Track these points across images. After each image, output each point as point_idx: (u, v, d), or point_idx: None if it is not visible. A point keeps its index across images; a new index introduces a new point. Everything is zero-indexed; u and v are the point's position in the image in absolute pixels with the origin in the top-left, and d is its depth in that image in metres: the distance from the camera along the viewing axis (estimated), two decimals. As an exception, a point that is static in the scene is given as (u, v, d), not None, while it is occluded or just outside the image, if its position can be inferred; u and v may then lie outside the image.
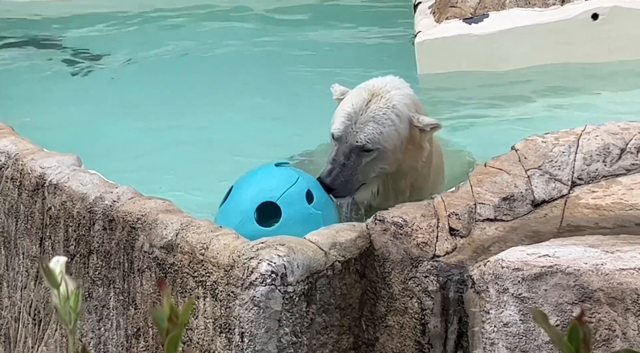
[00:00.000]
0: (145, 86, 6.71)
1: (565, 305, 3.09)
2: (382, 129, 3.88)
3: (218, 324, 3.33)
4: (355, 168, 3.87)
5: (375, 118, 3.89)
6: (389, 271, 3.41)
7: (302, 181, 3.77)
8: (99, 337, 3.77)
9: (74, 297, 1.61)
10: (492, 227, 3.49)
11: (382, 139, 3.87)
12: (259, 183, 3.80)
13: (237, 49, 7.24)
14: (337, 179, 3.85)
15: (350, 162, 3.86)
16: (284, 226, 3.64)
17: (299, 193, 3.73)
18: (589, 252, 3.13)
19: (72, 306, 1.61)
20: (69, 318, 1.61)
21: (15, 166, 4.11)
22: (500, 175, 3.61)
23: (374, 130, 3.87)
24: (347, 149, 3.88)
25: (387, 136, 3.88)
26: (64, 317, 1.61)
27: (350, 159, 3.86)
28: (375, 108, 3.91)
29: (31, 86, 6.79)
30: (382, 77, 4.07)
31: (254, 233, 3.57)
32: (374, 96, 3.95)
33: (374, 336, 3.44)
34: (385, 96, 3.95)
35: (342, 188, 3.85)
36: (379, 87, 3.99)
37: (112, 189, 3.78)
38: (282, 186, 3.74)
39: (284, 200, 3.71)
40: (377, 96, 3.96)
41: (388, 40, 7.26)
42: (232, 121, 6.00)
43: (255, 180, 3.83)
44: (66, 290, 1.63)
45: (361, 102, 3.94)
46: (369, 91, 3.97)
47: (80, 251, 3.82)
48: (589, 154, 3.64)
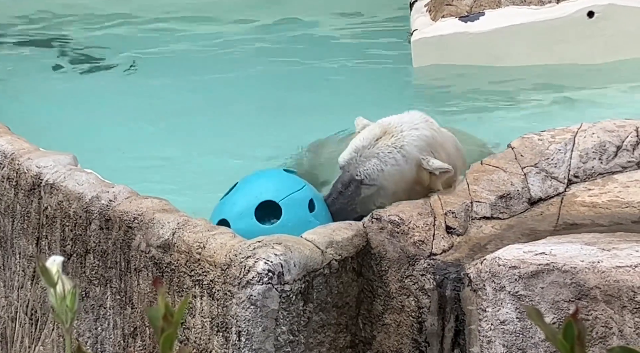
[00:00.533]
0: (145, 86, 6.70)
1: (561, 302, 3.09)
2: (383, 166, 3.85)
3: (215, 323, 3.33)
4: (353, 198, 3.86)
5: (379, 155, 3.87)
6: (385, 270, 3.41)
7: (307, 189, 3.81)
8: (95, 336, 3.77)
9: (71, 296, 1.61)
10: (488, 225, 3.50)
11: (381, 177, 3.85)
12: (265, 182, 3.84)
13: (237, 51, 7.24)
14: (333, 205, 3.85)
15: (348, 191, 3.86)
16: (282, 228, 3.63)
17: (302, 199, 3.76)
18: (586, 250, 3.13)
19: (69, 306, 1.61)
20: (65, 317, 1.61)
21: (12, 165, 4.11)
22: (497, 173, 3.61)
23: (375, 166, 3.86)
24: (347, 179, 3.88)
25: (387, 174, 3.85)
26: (61, 316, 1.61)
27: (349, 189, 3.86)
28: (382, 146, 3.89)
29: (28, 85, 6.78)
30: (404, 114, 4.00)
31: (251, 229, 3.57)
32: (386, 134, 3.93)
33: (371, 334, 3.44)
34: (397, 135, 3.92)
35: (337, 215, 3.85)
36: (394, 125, 3.94)
37: (108, 188, 3.78)
38: (287, 189, 3.77)
39: (287, 202, 3.72)
40: (389, 134, 3.93)
41: (385, 39, 7.26)
42: (231, 122, 6.00)
43: (261, 180, 3.88)
44: (63, 289, 1.63)
45: (371, 137, 3.92)
46: (383, 128, 3.94)
47: (76, 251, 3.82)
48: (585, 152, 3.64)
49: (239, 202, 3.73)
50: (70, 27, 7.85)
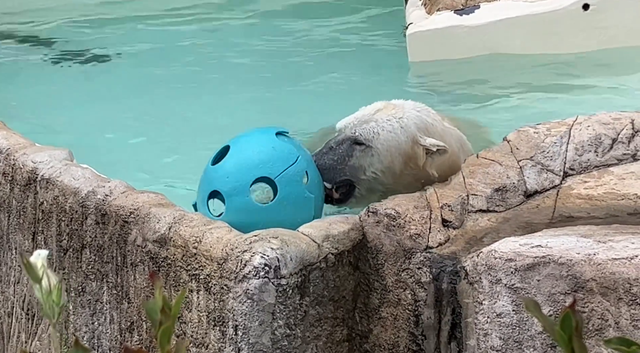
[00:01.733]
0: (136, 80, 6.69)
1: (558, 295, 3.10)
2: (380, 130, 3.86)
3: (212, 317, 3.34)
4: (344, 157, 3.85)
5: (378, 121, 3.88)
6: (382, 263, 3.41)
7: (301, 160, 3.67)
8: (92, 331, 3.77)
9: (57, 291, 1.60)
10: (484, 218, 3.50)
11: (376, 139, 3.85)
12: (259, 153, 3.66)
13: (231, 44, 7.23)
14: (321, 159, 3.83)
15: (340, 149, 3.85)
16: (278, 205, 3.57)
17: (298, 173, 3.65)
18: (582, 242, 3.14)
19: (55, 300, 1.60)
20: (52, 312, 1.60)
21: (7, 160, 4.11)
22: (493, 166, 3.62)
23: (372, 128, 3.86)
24: (341, 138, 3.88)
25: (383, 139, 3.85)
26: (47, 311, 1.60)
27: (341, 147, 3.85)
28: (383, 114, 3.91)
29: (21, 82, 6.77)
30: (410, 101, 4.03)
31: (246, 207, 3.54)
32: (388, 107, 3.94)
33: (367, 328, 3.44)
34: (398, 109, 3.94)
35: (324, 171, 3.83)
36: (398, 103, 3.97)
37: (104, 183, 3.77)
38: (282, 163, 3.64)
39: (282, 179, 3.62)
40: (391, 107, 3.95)
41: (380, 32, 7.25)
42: (226, 113, 5.99)
43: (255, 149, 3.68)
44: (48, 283, 1.61)
45: (373, 108, 3.94)
46: (386, 103, 3.96)
47: (73, 246, 3.82)
48: (580, 145, 3.65)
49: (233, 175, 3.59)
50: (61, 22, 7.83)
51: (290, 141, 3.77)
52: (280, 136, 3.76)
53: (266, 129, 3.80)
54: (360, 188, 3.88)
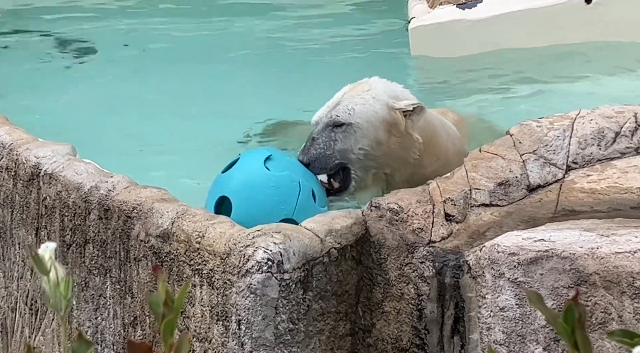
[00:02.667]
0: (140, 75, 6.69)
1: (561, 289, 3.10)
2: (354, 106, 3.89)
3: (215, 312, 3.34)
4: (328, 143, 3.85)
5: (349, 99, 3.91)
6: (385, 258, 3.41)
7: (303, 182, 3.64)
8: (95, 326, 3.77)
9: (64, 284, 1.61)
10: (487, 212, 3.50)
11: (353, 114, 3.87)
12: (266, 198, 3.59)
13: (232, 39, 7.22)
14: (308, 153, 3.83)
15: (323, 137, 3.86)
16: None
17: (308, 198, 3.63)
18: (585, 236, 3.13)
19: (63, 293, 1.61)
20: (60, 305, 1.61)
21: (10, 156, 4.11)
22: (495, 160, 3.61)
23: (346, 106, 3.89)
24: (320, 128, 3.89)
25: (359, 112, 3.87)
26: (55, 304, 1.60)
27: (323, 135, 3.86)
28: (352, 92, 3.94)
29: (22, 76, 6.76)
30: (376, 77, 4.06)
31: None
32: (354, 86, 3.97)
33: (370, 322, 3.44)
34: (364, 84, 3.97)
35: (315, 162, 3.82)
36: (363, 81, 4.00)
37: (107, 178, 3.78)
38: (291, 197, 3.60)
39: (299, 213, 3.57)
40: (358, 85, 3.97)
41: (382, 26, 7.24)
42: (227, 111, 5.98)
43: (259, 195, 3.60)
44: (56, 276, 1.62)
45: (341, 92, 3.97)
46: (353, 84, 3.99)
47: (76, 241, 3.82)
48: (583, 139, 3.64)
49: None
50: (62, 17, 7.82)
51: (282, 164, 3.72)
52: (270, 161, 3.69)
53: (255, 163, 3.69)
54: (354, 170, 3.89)
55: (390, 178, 3.98)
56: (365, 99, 3.90)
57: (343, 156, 3.86)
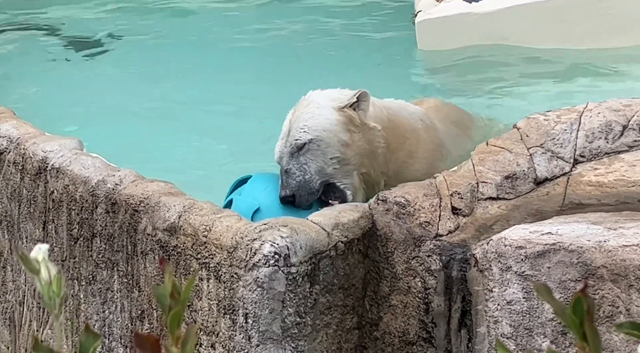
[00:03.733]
0: (145, 67, 6.69)
1: (568, 282, 3.09)
2: (304, 123, 3.89)
3: (222, 306, 3.34)
4: (302, 168, 3.84)
5: (297, 119, 3.92)
6: (391, 251, 3.41)
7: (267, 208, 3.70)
8: (103, 319, 3.78)
9: (56, 282, 1.61)
10: (494, 206, 3.49)
11: (308, 130, 3.87)
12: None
13: (238, 31, 7.22)
14: (289, 185, 3.83)
15: (294, 165, 3.85)
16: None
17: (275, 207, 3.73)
18: (592, 229, 3.13)
19: (55, 291, 1.61)
20: (53, 303, 1.61)
21: (17, 150, 4.11)
22: (502, 154, 3.61)
23: (298, 129, 3.89)
24: (287, 158, 3.89)
25: (313, 125, 3.88)
26: (48, 302, 1.61)
27: (293, 163, 3.85)
28: (296, 114, 3.95)
29: (29, 69, 6.77)
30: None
31: None
32: (296, 108, 3.98)
33: (377, 315, 3.44)
34: (303, 101, 3.98)
35: (300, 191, 3.82)
36: (300, 100, 4.01)
37: (114, 172, 3.78)
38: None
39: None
40: (298, 105, 3.98)
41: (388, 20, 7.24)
42: (236, 98, 5.97)
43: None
44: (48, 275, 1.62)
45: (286, 121, 3.98)
46: (292, 108, 4.00)
47: (83, 235, 3.82)
48: (591, 132, 3.63)
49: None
50: (66, 10, 7.82)
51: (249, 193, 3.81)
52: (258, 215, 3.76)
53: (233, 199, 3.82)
54: (338, 180, 3.88)
55: (368, 177, 3.97)
56: (311, 111, 3.91)
57: (321, 174, 3.85)
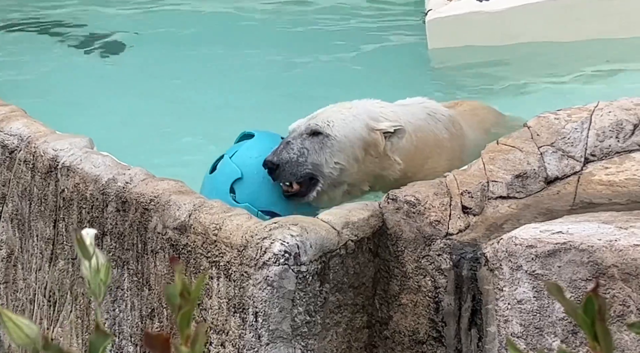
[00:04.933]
0: (153, 66, 6.69)
1: (579, 281, 3.09)
2: (334, 119, 3.87)
3: (232, 304, 3.34)
4: (302, 150, 3.81)
5: (329, 112, 3.90)
6: (402, 250, 3.40)
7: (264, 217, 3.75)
8: (113, 318, 3.79)
9: (105, 270, 1.62)
10: (505, 205, 3.49)
11: (332, 126, 3.85)
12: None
13: (249, 33, 7.21)
14: (280, 155, 3.80)
15: (297, 143, 3.83)
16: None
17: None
18: (603, 228, 3.12)
19: (103, 279, 1.62)
20: (98, 291, 1.62)
21: (28, 148, 4.12)
22: (513, 152, 3.60)
23: (325, 118, 3.87)
24: (297, 133, 3.87)
25: (338, 126, 3.85)
26: (94, 290, 1.61)
27: (298, 141, 3.84)
28: (333, 108, 3.93)
29: (41, 68, 6.77)
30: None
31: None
32: (338, 103, 3.97)
33: (387, 314, 3.44)
34: (347, 103, 3.96)
35: (285, 166, 3.79)
36: (345, 102, 3.99)
37: (124, 170, 3.79)
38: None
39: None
40: (341, 103, 3.97)
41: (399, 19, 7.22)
42: (243, 106, 5.96)
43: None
44: (97, 262, 1.63)
45: (321, 109, 3.95)
46: (336, 103, 3.99)
47: (93, 233, 3.83)
48: (601, 131, 3.62)
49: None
50: (76, 7, 7.83)
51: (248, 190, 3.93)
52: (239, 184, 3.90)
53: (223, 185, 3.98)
54: (322, 184, 3.86)
55: (365, 192, 3.95)
56: (346, 115, 3.89)
57: (315, 168, 3.84)
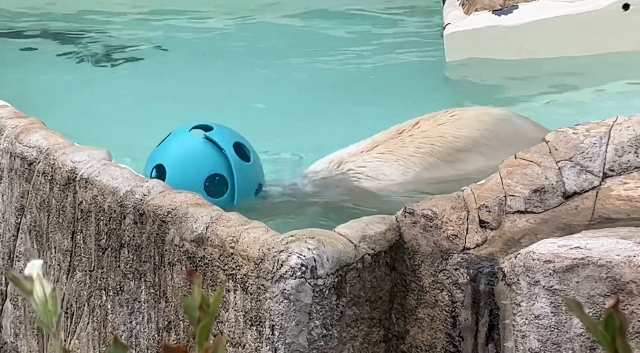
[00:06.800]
0: (165, 77, 6.70)
1: (597, 297, 3.07)
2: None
3: (249, 317, 3.34)
4: None
5: None
6: (418, 264, 3.40)
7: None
8: (130, 330, 3.79)
9: (52, 300, 1.59)
10: (522, 219, 3.47)
11: None
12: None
13: (266, 45, 7.22)
14: None
15: None
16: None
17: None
18: (621, 244, 3.11)
19: (51, 310, 1.59)
20: (49, 321, 1.59)
21: (47, 160, 4.14)
22: (531, 167, 3.59)
23: None
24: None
25: None
26: (45, 321, 1.58)
27: None
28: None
29: (59, 80, 6.79)
30: None
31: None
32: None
33: (404, 329, 3.43)
34: None
35: None
36: None
37: (142, 183, 3.80)
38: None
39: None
40: None
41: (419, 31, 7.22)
42: (256, 119, 5.95)
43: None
44: (43, 293, 1.60)
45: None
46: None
47: (111, 245, 3.84)
48: (620, 146, 3.61)
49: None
50: (91, 20, 7.86)
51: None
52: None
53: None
54: None
55: None
56: None
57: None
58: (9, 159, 4.30)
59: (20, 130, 4.33)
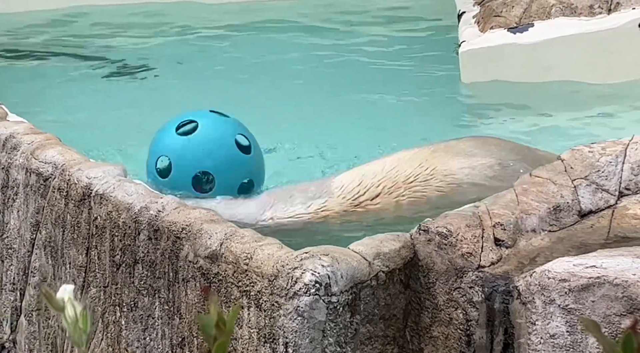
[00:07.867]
0: (187, 92, 6.71)
1: (613, 316, 3.05)
2: None
3: (262, 334, 3.34)
4: None
5: None
6: (433, 282, 3.39)
7: None
8: (144, 346, 3.79)
9: (83, 318, 1.61)
10: (538, 237, 3.46)
11: None
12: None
13: (278, 60, 7.23)
14: None
15: None
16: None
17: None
18: (637, 263, 3.09)
19: (82, 328, 1.61)
20: (80, 340, 1.60)
21: (62, 176, 4.16)
22: (546, 185, 3.58)
23: None
24: None
25: None
26: (76, 339, 1.60)
27: None
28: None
29: (74, 95, 6.81)
30: None
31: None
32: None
33: (418, 347, 3.42)
34: None
35: None
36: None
37: (157, 199, 3.81)
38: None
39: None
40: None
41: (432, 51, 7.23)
42: (272, 136, 5.95)
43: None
44: (74, 312, 1.62)
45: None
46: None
47: (125, 261, 3.85)
48: (636, 164, 3.60)
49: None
50: (106, 36, 7.89)
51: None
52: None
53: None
54: None
55: None
56: None
57: None
58: (24, 175, 4.32)
59: (36, 146, 4.35)
